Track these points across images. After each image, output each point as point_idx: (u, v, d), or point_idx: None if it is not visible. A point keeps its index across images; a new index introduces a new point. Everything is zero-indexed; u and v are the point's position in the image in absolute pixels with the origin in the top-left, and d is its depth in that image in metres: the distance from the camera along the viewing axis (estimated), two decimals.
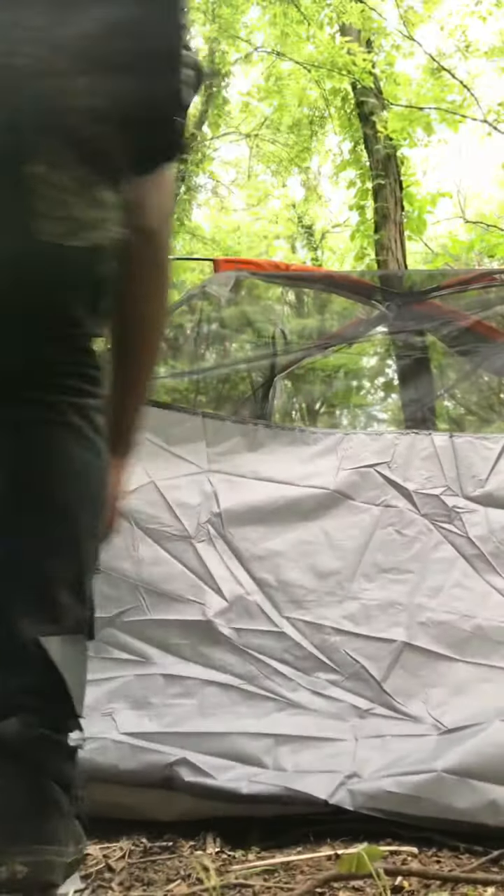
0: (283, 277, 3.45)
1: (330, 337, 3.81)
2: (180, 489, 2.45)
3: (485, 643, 2.09)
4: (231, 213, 18.24)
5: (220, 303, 3.39)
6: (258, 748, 1.81)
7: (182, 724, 1.88)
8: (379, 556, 2.33)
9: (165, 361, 4.03)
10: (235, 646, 2.12)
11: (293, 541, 2.36)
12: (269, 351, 3.74)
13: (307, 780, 1.70)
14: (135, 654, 2.11)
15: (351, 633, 2.16)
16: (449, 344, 3.45)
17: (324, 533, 2.38)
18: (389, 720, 1.94)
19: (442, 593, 2.23)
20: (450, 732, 1.83)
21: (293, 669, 2.08)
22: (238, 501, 2.44)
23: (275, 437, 2.62)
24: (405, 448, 2.54)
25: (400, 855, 1.54)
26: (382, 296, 3.47)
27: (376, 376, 5.14)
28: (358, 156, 10.16)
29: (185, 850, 1.62)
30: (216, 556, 2.32)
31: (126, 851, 1.60)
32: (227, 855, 1.60)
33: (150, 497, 2.41)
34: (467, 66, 9.55)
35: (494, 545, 2.31)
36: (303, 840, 1.64)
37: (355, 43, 8.44)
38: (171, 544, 2.34)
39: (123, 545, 2.29)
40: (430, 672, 2.06)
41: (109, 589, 2.20)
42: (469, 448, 2.53)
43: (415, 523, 2.39)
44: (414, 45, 9.15)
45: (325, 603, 2.24)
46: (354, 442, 2.58)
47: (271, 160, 15.59)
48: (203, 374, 3.81)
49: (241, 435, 2.61)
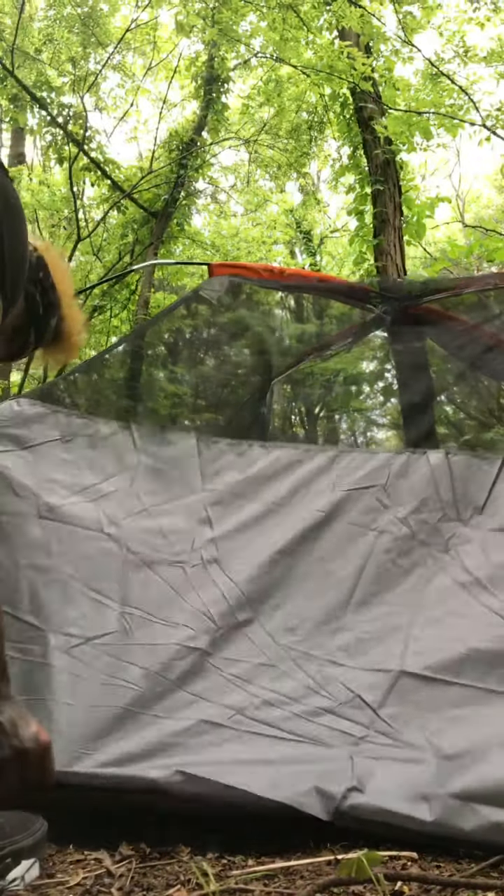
0: (277, 281, 3.45)
1: (328, 341, 3.82)
2: (173, 514, 2.42)
3: (478, 665, 2.05)
4: (230, 218, 18.25)
5: (213, 304, 3.39)
6: (253, 771, 1.78)
7: (171, 759, 1.81)
8: (373, 586, 2.30)
9: (165, 366, 4.04)
10: (224, 677, 2.06)
11: (287, 567, 2.33)
12: (267, 355, 3.75)
13: (307, 793, 1.68)
14: (115, 677, 2.02)
15: (346, 666, 2.11)
16: (447, 349, 3.45)
17: (318, 560, 2.36)
18: (387, 747, 1.91)
19: (438, 624, 2.19)
20: (450, 759, 1.81)
21: (285, 698, 2.03)
22: (232, 526, 2.41)
23: (269, 455, 2.59)
24: (400, 469, 2.52)
25: (400, 860, 1.54)
26: (379, 299, 3.46)
27: (376, 381, 5.14)
28: (357, 161, 10.19)
29: (185, 855, 1.61)
30: (209, 582, 2.28)
31: (125, 856, 1.60)
32: (227, 860, 1.59)
33: (143, 523, 2.38)
34: (466, 72, 9.58)
35: (491, 570, 2.28)
36: (302, 845, 1.64)
37: (354, 48, 8.47)
38: (162, 569, 2.30)
39: (112, 568, 2.25)
40: (426, 697, 2.01)
41: (92, 611, 2.15)
42: (465, 469, 2.50)
43: (411, 553, 2.36)
44: (413, 50, 9.17)
45: (320, 632, 2.20)
46: (349, 461, 2.56)
47: (270, 165, 15.63)
48: (202, 379, 3.82)
49: (234, 454, 2.58)
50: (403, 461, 2.53)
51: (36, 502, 2.29)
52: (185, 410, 3.70)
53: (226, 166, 17.33)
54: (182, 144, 13.00)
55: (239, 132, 14.86)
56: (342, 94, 10.15)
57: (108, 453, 2.50)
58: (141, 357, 3.89)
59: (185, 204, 13.41)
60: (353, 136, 10.08)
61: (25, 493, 2.30)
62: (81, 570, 2.22)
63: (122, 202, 12.72)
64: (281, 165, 15.18)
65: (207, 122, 13.32)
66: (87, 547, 2.26)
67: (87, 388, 3.20)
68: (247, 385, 3.92)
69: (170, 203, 12.78)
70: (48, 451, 2.43)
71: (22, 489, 2.31)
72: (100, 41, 12.93)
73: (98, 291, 12.84)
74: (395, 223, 8.80)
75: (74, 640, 2.08)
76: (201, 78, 13.29)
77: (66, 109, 12.29)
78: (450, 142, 12.69)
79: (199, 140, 13.16)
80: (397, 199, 8.97)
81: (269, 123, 14.29)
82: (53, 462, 2.41)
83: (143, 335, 4.10)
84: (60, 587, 2.17)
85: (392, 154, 8.95)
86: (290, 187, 19.34)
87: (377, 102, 9.08)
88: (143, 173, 12.64)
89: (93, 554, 2.26)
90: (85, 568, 2.22)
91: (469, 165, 49.32)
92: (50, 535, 2.25)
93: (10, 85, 11.69)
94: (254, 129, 14.78)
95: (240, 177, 17.37)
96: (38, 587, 2.16)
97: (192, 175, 13.19)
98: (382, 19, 9.18)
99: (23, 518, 2.26)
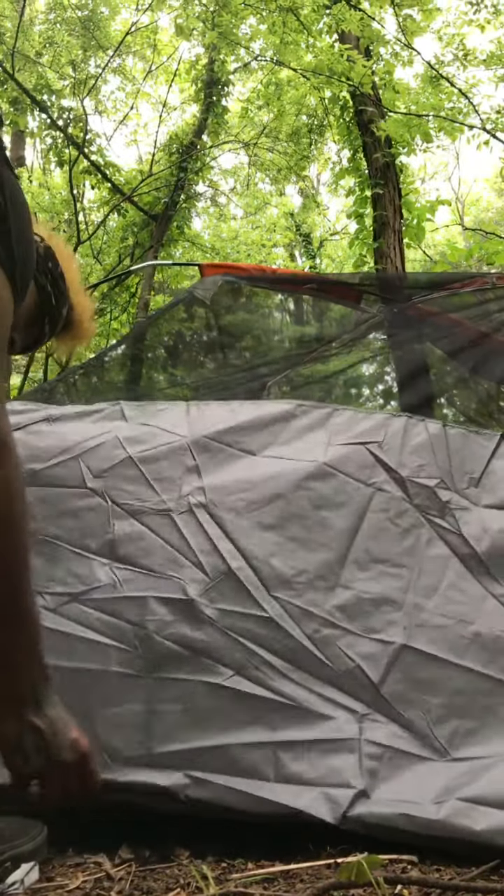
0: (268, 281, 3.46)
1: (324, 343, 3.81)
2: (159, 461, 2.31)
3: (482, 652, 2.03)
4: (230, 221, 18.29)
5: (206, 304, 3.39)
6: (259, 759, 1.75)
7: (174, 741, 1.77)
8: (371, 544, 2.20)
9: (165, 369, 4.04)
10: (219, 629, 1.97)
11: (281, 515, 2.22)
12: (264, 358, 3.74)
13: (314, 797, 1.66)
14: (107, 634, 1.95)
15: (344, 629, 2.03)
16: (446, 350, 3.45)
17: (313, 508, 2.24)
18: (390, 731, 1.88)
19: (437, 594, 2.13)
20: (456, 761, 1.79)
21: (284, 662, 1.95)
22: (222, 473, 2.31)
23: (260, 408, 2.53)
24: (397, 430, 2.42)
25: (400, 863, 1.54)
26: (374, 300, 3.46)
27: (375, 383, 5.14)
28: (357, 164, 10.22)
29: (184, 858, 1.61)
30: (199, 529, 2.17)
31: (125, 860, 1.59)
32: (227, 863, 1.59)
33: (127, 472, 2.27)
34: (465, 75, 9.59)
35: (488, 546, 2.23)
36: (302, 848, 1.63)
37: (354, 50, 8.49)
38: (149, 518, 2.18)
39: (98, 523, 2.16)
40: (428, 678, 1.98)
41: (79, 567, 2.07)
42: (462, 441, 2.43)
43: (408, 514, 2.27)
44: (412, 54, 9.19)
45: (316, 587, 2.09)
46: (344, 417, 2.49)
47: (270, 168, 15.66)
48: (201, 382, 3.82)
49: (226, 410, 2.52)
50: (401, 423, 2.46)
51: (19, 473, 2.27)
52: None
53: (225, 169, 17.39)
54: (182, 147, 13.03)
55: (239, 135, 14.90)
56: (342, 98, 10.18)
57: (95, 421, 2.46)
58: (140, 360, 3.90)
59: (185, 207, 13.44)
60: (353, 139, 10.11)
61: None
62: (66, 529, 2.16)
63: (122, 205, 12.75)
64: (281, 169, 15.21)
65: (208, 125, 13.35)
66: (70, 504, 2.20)
67: (86, 389, 3.21)
68: (245, 387, 3.92)
69: (170, 206, 12.81)
70: (34, 429, 2.38)
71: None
72: (100, 44, 12.97)
73: (98, 294, 12.85)
74: (394, 226, 8.82)
75: (62, 599, 2.04)
76: (201, 81, 13.33)
77: (66, 113, 12.32)
78: (449, 145, 12.72)
79: (200, 143, 13.18)
80: (397, 202, 8.99)
81: (269, 127, 14.32)
82: (38, 436, 2.36)
83: (139, 336, 4.10)
84: (46, 549, 2.11)
85: (392, 157, 8.97)
86: (289, 190, 19.39)
87: (377, 105, 9.10)
88: (143, 176, 12.67)
89: (77, 511, 2.20)
90: (69, 526, 2.17)
91: (468, 168, 49.37)
92: (33, 500, 2.18)
93: (10, 88, 11.71)
94: (254, 132, 14.82)
95: (239, 180, 17.41)
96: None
97: (192, 178, 13.22)
98: (382, 22, 9.19)
99: None
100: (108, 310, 13.15)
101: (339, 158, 12.02)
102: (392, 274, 7.62)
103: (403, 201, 9.22)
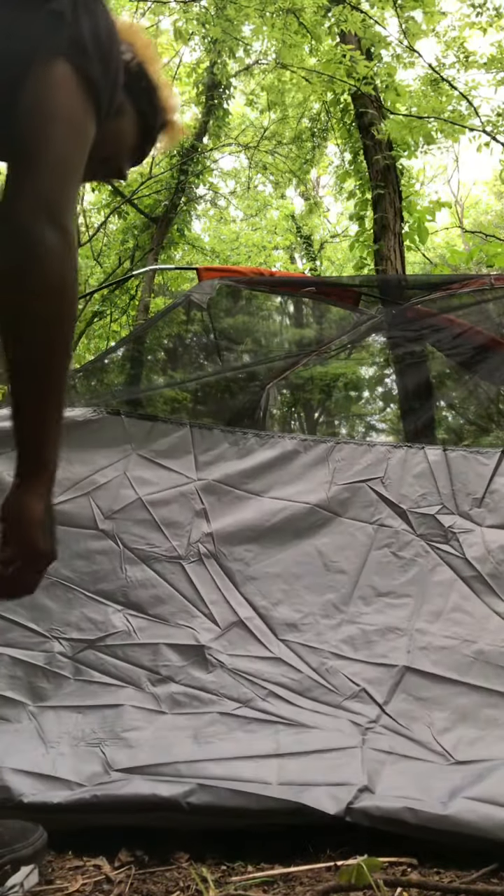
0: (266, 283, 3.46)
1: (322, 345, 3.81)
2: (169, 505, 2.39)
3: (487, 668, 2.05)
4: (230, 224, 18.30)
5: (204, 308, 3.39)
6: (263, 767, 1.76)
7: (177, 754, 1.80)
8: (375, 579, 2.28)
9: (164, 372, 4.04)
10: (229, 671, 2.06)
11: (287, 561, 2.31)
12: (261, 358, 3.74)
13: (317, 793, 1.66)
14: (121, 679, 2.05)
15: (350, 658, 2.10)
16: (446, 352, 3.44)
17: (318, 553, 2.33)
18: (393, 741, 1.89)
19: (441, 618, 2.17)
20: (460, 764, 1.79)
21: (290, 692, 2.02)
22: (229, 519, 2.38)
23: (264, 446, 2.57)
24: (398, 462, 2.49)
25: (400, 866, 1.53)
26: (373, 301, 3.46)
27: (375, 386, 5.15)
28: (358, 166, 10.22)
29: (184, 861, 1.60)
30: (208, 578, 2.26)
31: (124, 863, 1.59)
32: (227, 866, 1.58)
33: (138, 515, 2.35)
34: (466, 77, 9.61)
35: (492, 566, 2.26)
36: (302, 851, 1.63)
37: (357, 51, 8.48)
38: (161, 565, 2.27)
39: (110, 567, 2.24)
40: (432, 696, 2.00)
41: (94, 613, 2.15)
42: (463, 463, 2.48)
43: (411, 545, 2.33)
44: (414, 55, 9.18)
45: (322, 626, 2.18)
46: (346, 452, 2.53)
47: (271, 171, 15.67)
48: (198, 383, 3.82)
49: (229, 444, 2.55)
50: (401, 455, 2.51)
51: None
52: (185, 415, 3.70)
53: (226, 171, 17.40)
54: (183, 150, 13.03)
55: (239, 137, 14.92)
56: (343, 101, 10.18)
57: (100, 444, 2.47)
58: (140, 362, 3.90)
59: (186, 209, 13.45)
60: (354, 141, 10.12)
61: None
62: (79, 572, 2.21)
63: (123, 207, 12.75)
64: (283, 172, 15.22)
65: (209, 128, 13.36)
66: (83, 546, 2.25)
67: (86, 392, 3.20)
68: (245, 390, 3.92)
69: (170, 209, 12.82)
70: None
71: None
72: None
73: (98, 297, 12.87)
74: (395, 228, 8.81)
75: (80, 646, 2.09)
76: (202, 84, 13.34)
77: None
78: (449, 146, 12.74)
79: (200, 146, 13.19)
80: (398, 205, 8.98)
81: (270, 130, 14.34)
82: None
83: (138, 339, 4.10)
84: (60, 591, 2.17)
85: (393, 160, 8.97)
86: (290, 193, 19.40)
87: (378, 108, 9.10)
88: (143, 179, 12.68)
89: (89, 553, 2.25)
90: (83, 569, 2.22)
91: (467, 172, 49.42)
92: None
93: None
94: (255, 133, 14.83)
95: (240, 182, 17.42)
96: (37, 593, 2.16)
97: (193, 181, 13.23)
98: (384, 23, 9.19)
99: None
100: (109, 312, 13.16)
101: (341, 161, 12.04)
102: (390, 276, 7.62)
103: (404, 204, 9.21)
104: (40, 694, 1.99)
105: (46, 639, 2.09)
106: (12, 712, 1.95)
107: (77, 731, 1.89)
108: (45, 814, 1.62)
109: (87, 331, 13.19)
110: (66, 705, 1.97)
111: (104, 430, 2.49)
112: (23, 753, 1.79)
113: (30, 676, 2.02)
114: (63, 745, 1.84)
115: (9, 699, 1.97)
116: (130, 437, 2.49)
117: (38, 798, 1.65)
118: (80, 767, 1.77)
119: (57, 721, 1.92)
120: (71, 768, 1.76)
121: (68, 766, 1.76)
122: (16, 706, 1.96)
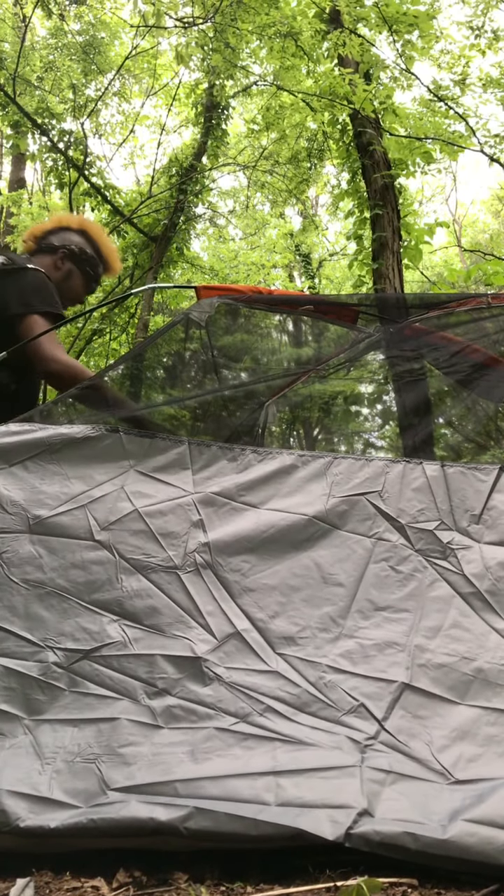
0: (265, 302, 3.45)
1: (321, 362, 3.82)
2: (165, 516, 2.37)
3: (486, 686, 2.04)
4: (229, 242, 18.39)
5: (203, 327, 3.39)
6: (259, 786, 1.74)
7: (175, 773, 1.78)
8: (374, 593, 2.26)
9: (163, 389, 4.04)
10: (226, 684, 2.03)
11: (284, 573, 2.28)
12: (260, 376, 3.74)
13: (315, 816, 1.65)
14: (117, 691, 2.02)
15: (348, 672, 2.07)
16: (444, 370, 3.45)
17: (315, 565, 2.30)
18: (393, 759, 1.88)
19: (440, 634, 2.15)
20: (460, 783, 1.78)
21: (288, 706, 1.99)
22: (226, 530, 2.36)
23: (262, 461, 2.57)
24: (396, 477, 2.48)
25: (400, 886, 1.51)
26: (371, 320, 3.46)
27: (374, 403, 5.15)
28: (356, 185, 10.30)
29: (183, 882, 1.59)
30: (204, 588, 2.24)
31: (122, 884, 1.57)
32: (226, 887, 1.57)
33: (134, 526, 2.34)
34: (464, 98, 9.69)
35: (490, 583, 2.25)
36: (301, 871, 1.61)
37: (356, 74, 8.56)
38: (156, 575, 2.25)
39: (106, 577, 2.22)
40: (431, 714, 1.98)
41: (90, 623, 2.13)
42: (461, 479, 2.47)
43: (409, 559, 2.32)
44: (412, 78, 9.28)
45: (320, 640, 2.16)
46: (344, 466, 2.52)
47: (270, 191, 15.78)
48: (197, 400, 3.82)
49: (228, 459, 2.55)
50: (399, 470, 2.50)
51: (26, 517, 2.29)
52: (184, 433, 3.70)
53: (225, 191, 17.51)
54: (181, 170, 13.13)
55: (237, 158, 15.02)
56: (342, 121, 10.27)
57: (98, 461, 2.48)
58: (140, 380, 3.90)
59: (185, 228, 13.53)
60: (353, 161, 10.20)
61: (15, 510, 2.30)
62: (74, 582, 2.20)
63: (122, 227, 12.82)
64: (281, 192, 15.33)
65: (207, 148, 13.46)
66: (78, 556, 2.24)
67: (84, 409, 3.20)
68: (244, 408, 3.93)
69: (169, 227, 12.89)
70: (36, 464, 2.42)
71: (11, 505, 2.30)
72: (100, 69, 13.10)
73: (97, 315, 12.92)
74: (393, 247, 8.86)
75: (75, 656, 2.07)
76: (201, 105, 13.46)
77: (66, 136, 12.42)
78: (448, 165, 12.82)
79: (199, 166, 13.29)
80: (396, 224, 9.04)
81: (268, 150, 14.44)
82: (41, 474, 2.40)
83: (137, 357, 4.10)
84: (54, 600, 2.16)
85: (391, 179, 9.04)
86: (289, 212, 19.51)
87: (377, 128, 9.17)
88: (142, 198, 12.76)
89: (85, 563, 2.24)
90: (78, 579, 2.21)
91: (465, 191, 49.76)
92: (41, 548, 2.24)
93: (11, 112, 11.82)
94: (252, 153, 14.93)
95: (239, 201, 17.53)
96: (32, 602, 2.15)
97: (192, 200, 13.31)
98: (381, 47, 9.30)
99: (13, 534, 2.26)
100: (108, 330, 13.19)
101: (339, 181, 12.12)
102: (388, 294, 7.65)
103: (402, 223, 9.27)
104: (35, 707, 1.98)
105: (41, 648, 2.08)
106: (8, 727, 1.93)
107: (73, 746, 1.87)
108: (41, 838, 1.61)
109: (86, 349, 13.23)
110: (61, 718, 1.95)
111: (103, 447, 2.49)
112: (19, 771, 1.78)
113: (25, 688, 2.00)
114: (58, 761, 1.82)
115: (5, 713, 1.96)
116: (129, 454, 2.49)
117: (34, 822, 1.64)
118: (76, 786, 1.76)
119: (52, 735, 1.90)
120: (67, 788, 1.74)
121: (64, 786, 1.75)
122: (11, 720, 1.95)
